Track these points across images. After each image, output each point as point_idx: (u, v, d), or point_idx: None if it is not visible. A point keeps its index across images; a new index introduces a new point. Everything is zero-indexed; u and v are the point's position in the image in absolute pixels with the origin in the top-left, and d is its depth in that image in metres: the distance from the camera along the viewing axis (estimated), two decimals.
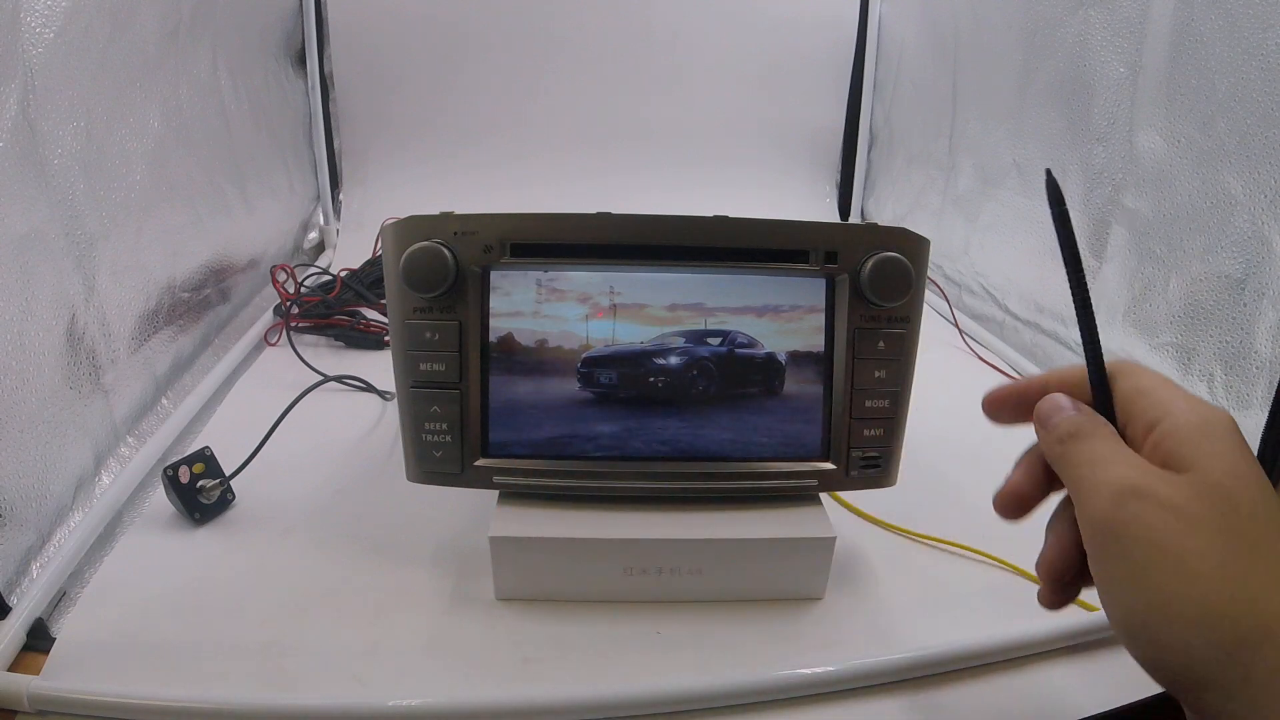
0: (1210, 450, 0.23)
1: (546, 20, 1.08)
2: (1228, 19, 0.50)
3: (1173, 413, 0.25)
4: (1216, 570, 0.22)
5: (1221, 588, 0.22)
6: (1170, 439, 0.24)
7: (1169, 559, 0.22)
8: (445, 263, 0.36)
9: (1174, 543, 0.22)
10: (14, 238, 0.43)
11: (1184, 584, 0.22)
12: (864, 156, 1.17)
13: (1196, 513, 0.23)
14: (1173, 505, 0.23)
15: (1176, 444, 0.24)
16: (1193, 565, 0.22)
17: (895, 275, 0.37)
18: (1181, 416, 0.24)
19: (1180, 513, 0.23)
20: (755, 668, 0.36)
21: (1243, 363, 0.49)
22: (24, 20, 0.45)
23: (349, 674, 0.36)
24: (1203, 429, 0.24)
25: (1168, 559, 0.22)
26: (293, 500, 0.49)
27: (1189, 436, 0.24)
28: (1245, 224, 0.49)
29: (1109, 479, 0.24)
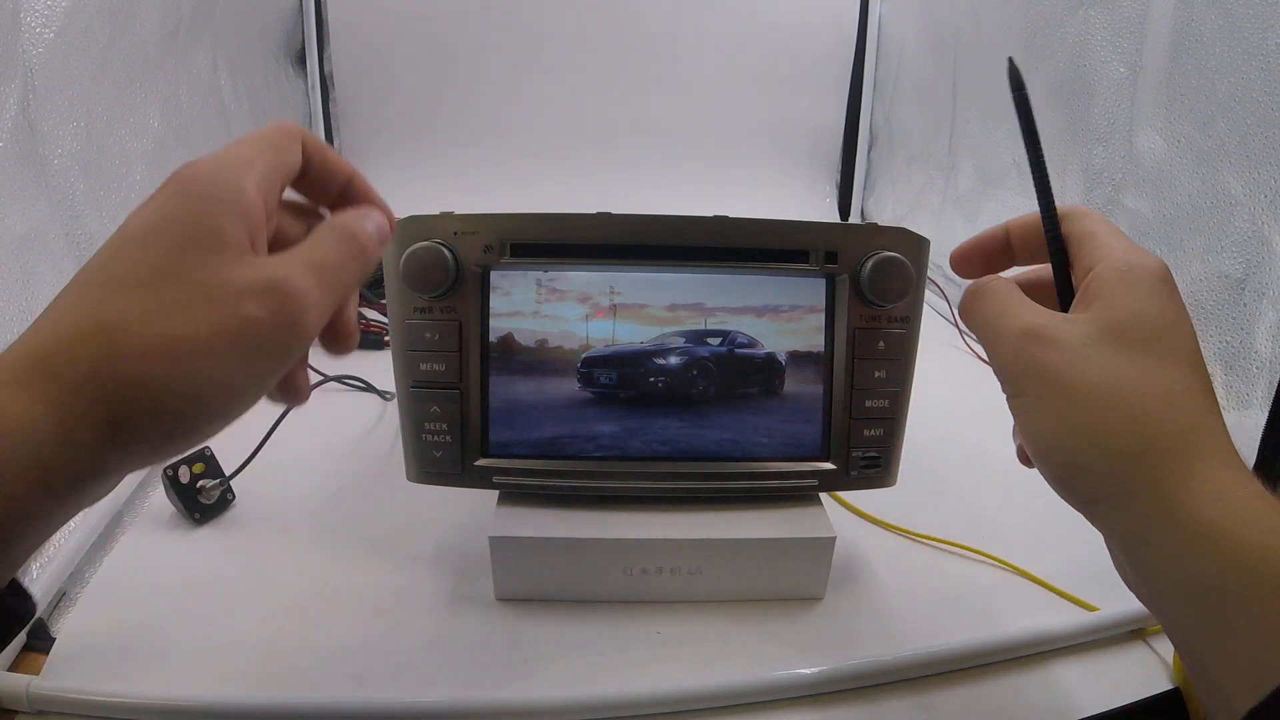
0: (1122, 293, 0.26)
1: (546, 20, 1.08)
2: (1228, 19, 0.50)
3: (1105, 259, 0.27)
4: (1104, 399, 0.24)
5: (1108, 414, 0.24)
6: (1095, 282, 0.26)
7: (1062, 391, 0.25)
8: (445, 263, 0.36)
9: (1066, 376, 0.25)
10: (14, 238, 0.43)
11: (1076, 412, 0.25)
12: (864, 156, 1.17)
13: (1090, 350, 0.25)
14: (1066, 344, 0.25)
15: (1098, 287, 0.26)
16: (1083, 396, 0.25)
17: (895, 275, 0.37)
18: (1110, 263, 0.26)
19: (1073, 350, 0.25)
20: (755, 668, 0.36)
21: (1243, 363, 0.49)
22: (24, 20, 0.45)
23: (348, 673, 0.36)
24: (1124, 275, 0.26)
25: (1061, 391, 0.25)
26: (293, 500, 0.49)
27: (1109, 280, 0.26)
28: (1245, 224, 0.49)
29: (1010, 326, 0.27)
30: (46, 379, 0.19)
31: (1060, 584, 0.42)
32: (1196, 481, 0.23)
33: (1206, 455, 0.24)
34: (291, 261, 0.23)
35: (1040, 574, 0.43)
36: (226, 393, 0.21)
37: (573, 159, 1.12)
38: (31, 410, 0.19)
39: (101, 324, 0.20)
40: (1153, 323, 0.25)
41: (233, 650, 0.37)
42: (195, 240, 0.21)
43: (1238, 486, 0.23)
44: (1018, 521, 0.48)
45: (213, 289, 0.21)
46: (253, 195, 0.22)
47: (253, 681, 0.35)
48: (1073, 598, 0.41)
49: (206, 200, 0.22)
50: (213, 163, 0.22)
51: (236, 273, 0.21)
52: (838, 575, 0.41)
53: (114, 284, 0.20)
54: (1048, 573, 0.43)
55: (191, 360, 0.20)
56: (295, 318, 0.22)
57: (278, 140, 0.25)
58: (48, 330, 0.20)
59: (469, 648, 0.38)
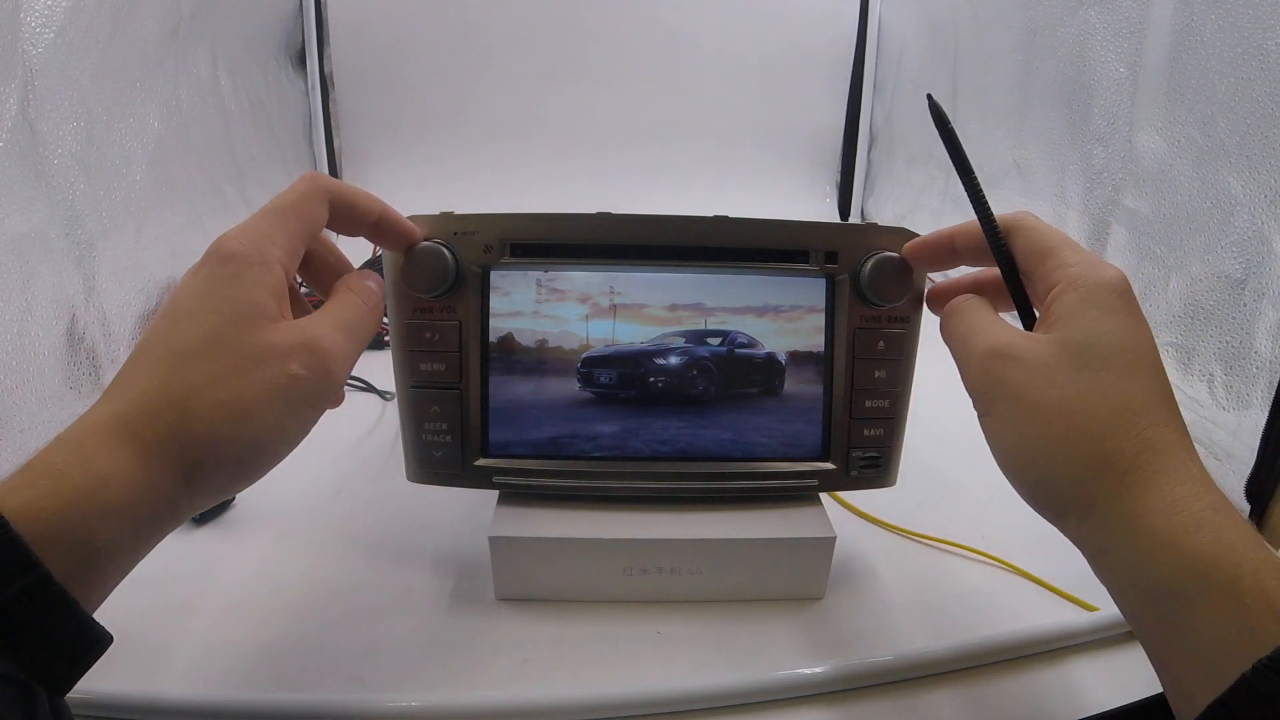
0: (1081, 313, 0.27)
1: (546, 20, 1.08)
2: (1228, 19, 0.50)
3: (1064, 278, 0.28)
4: (1065, 418, 0.26)
5: (1069, 432, 0.26)
6: (1057, 302, 0.28)
7: (1026, 409, 0.27)
8: (445, 263, 0.36)
9: (1030, 395, 0.27)
10: (14, 238, 0.44)
11: (1040, 429, 0.26)
12: (864, 156, 1.17)
13: (1052, 369, 0.26)
14: (1031, 364, 0.27)
15: (1060, 308, 0.28)
16: (1045, 414, 0.26)
17: (895, 275, 0.37)
18: (1069, 282, 0.28)
19: (1037, 370, 0.27)
20: (755, 668, 0.36)
21: (1243, 363, 0.49)
22: (24, 20, 0.45)
23: (348, 674, 0.36)
24: (1084, 295, 0.27)
25: (1025, 409, 0.27)
26: (292, 500, 0.49)
27: (1068, 301, 0.27)
28: (1245, 224, 0.49)
29: (980, 345, 0.29)
30: (132, 441, 0.23)
31: (1060, 584, 0.42)
32: (1153, 494, 0.24)
33: (1164, 468, 0.25)
34: (321, 322, 0.28)
35: (1040, 574, 0.43)
36: (279, 438, 0.26)
37: (573, 159, 1.12)
38: (123, 468, 0.23)
39: (173, 391, 0.24)
40: (1111, 341, 0.26)
41: (233, 650, 0.37)
42: (240, 314, 0.25)
43: (1193, 498, 0.24)
44: (1018, 521, 0.47)
45: (261, 353, 0.25)
46: (278, 271, 0.27)
47: (253, 681, 0.35)
48: (1073, 598, 0.41)
49: (241, 280, 0.26)
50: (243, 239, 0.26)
51: (277, 337, 0.26)
52: (838, 575, 0.41)
53: (179, 354, 0.24)
54: (1048, 573, 0.43)
55: (249, 416, 0.25)
56: (328, 369, 0.27)
57: (300, 206, 0.28)
58: (128, 395, 0.24)
59: (469, 648, 0.38)
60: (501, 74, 1.10)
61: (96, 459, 0.22)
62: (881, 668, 0.36)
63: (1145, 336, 0.27)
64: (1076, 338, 0.27)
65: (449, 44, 1.08)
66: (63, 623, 0.21)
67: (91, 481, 0.22)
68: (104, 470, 0.22)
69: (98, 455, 0.22)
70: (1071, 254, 0.29)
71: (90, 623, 0.22)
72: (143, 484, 0.23)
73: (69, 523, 0.21)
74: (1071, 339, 0.27)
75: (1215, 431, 0.51)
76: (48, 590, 0.20)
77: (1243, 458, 0.48)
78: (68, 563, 0.21)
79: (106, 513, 0.22)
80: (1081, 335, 0.27)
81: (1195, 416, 0.53)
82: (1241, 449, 0.48)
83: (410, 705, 0.33)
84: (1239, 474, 0.48)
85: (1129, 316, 0.27)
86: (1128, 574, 0.25)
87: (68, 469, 0.22)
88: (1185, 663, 0.23)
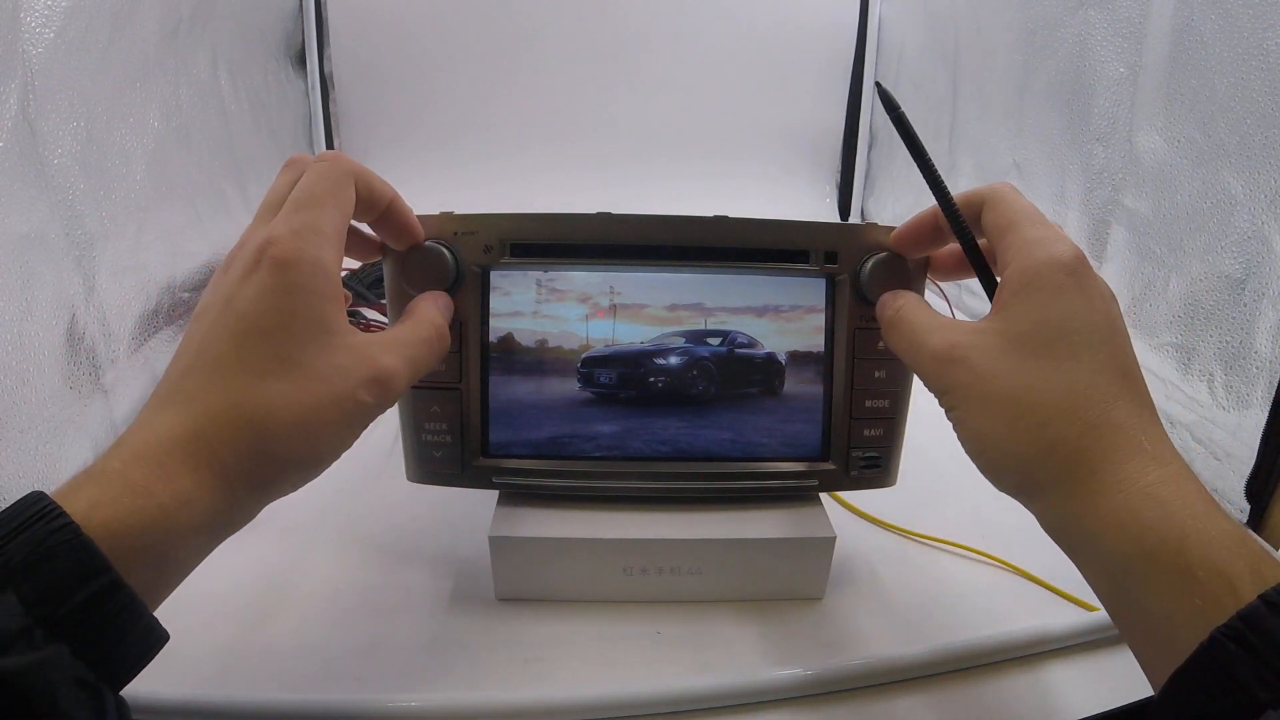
0: (1024, 300, 0.27)
1: (546, 21, 1.08)
2: (1228, 19, 0.50)
3: (1015, 258, 0.28)
4: (1011, 408, 0.26)
5: (1016, 422, 0.26)
6: (1004, 288, 0.28)
7: (977, 404, 0.27)
8: (445, 263, 0.36)
9: (977, 391, 0.27)
10: (14, 238, 0.43)
11: (990, 422, 0.27)
12: (864, 156, 1.17)
13: (996, 362, 0.27)
14: (974, 362, 0.28)
15: (1006, 293, 0.28)
16: (994, 407, 0.27)
17: (895, 275, 0.37)
18: (1018, 264, 0.28)
19: (980, 366, 0.27)
20: (755, 668, 0.36)
21: (1243, 363, 0.49)
22: (24, 20, 0.45)
23: (349, 673, 0.36)
24: (1029, 280, 0.27)
25: (976, 404, 0.27)
26: (292, 500, 0.48)
27: (1014, 287, 0.28)
28: (1245, 224, 0.49)
29: (926, 351, 0.30)
30: (213, 462, 0.24)
31: (1060, 584, 0.42)
32: (1099, 475, 0.25)
33: (1111, 448, 0.25)
34: (391, 351, 0.28)
35: (1040, 574, 0.43)
36: (339, 451, 0.28)
37: (573, 159, 1.12)
38: (205, 491, 0.24)
39: (250, 413, 0.25)
40: (1054, 327, 0.27)
41: (232, 650, 0.37)
42: (310, 334, 0.26)
43: (1138, 475, 0.24)
44: (1018, 521, 0.47)
45: (332, 375, 0.26)
46: (335, 273, 0.27)
47: (253, 681, 0.35)
48: (1073, 598, 0.41)
49: (307, 294, 0.26)
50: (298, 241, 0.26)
51: (346, 359, 0.27)
52: (838, 575, 0.41)
53: (253, 374, 0.25)
54: (1048, 573, 0.43)
55: (320, 437, 0.26)
56: (392, 398, 0.28)
57: (337, 193, 0.28)
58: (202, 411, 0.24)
59: (469, 648, 0.38)
60: (501, 74, 1.10)
61: (179, 479, 0.23)
62: (881, 667, 0.36)
63: (1096, 315, 0.27)
64: (1020, 327, 0.27)
65: (449, 44, 1.08)
66: (132, 625, 0.22)
67: (175, 502, 0.23)
68: (187, 492, 0.23)
69: (180, 475, 0.23)
70: (1029, 229, 0.29)
71: (154, 623, 0.23)
72: (222, 505, 0.24)
73: (153, 538, 0.22)
74: (1013, 328, 0.27)
75: (1215, 431, 0.51)
76: (119, 594, 0.21)
77: (1243, 458, 0.48)
78: (147, 573, 0.22)
79: (189, 529, 0.23)
80: (1025, 323, 0.27)
81: (1195, 416, 0.53)
82: (1241, 449, 0.48)
83: (410, 705, 0.33)
84: (1239, 474, 0.48)
85: (1078, 295, 0.27)
86: (1083, 555, 0.26)
87: (152, 487, 0.23)
88: (1145, 638, 0.24)
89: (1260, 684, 0.20)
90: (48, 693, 0.19)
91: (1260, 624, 0.20)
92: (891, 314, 0.33)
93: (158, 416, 0.25)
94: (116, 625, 0.21)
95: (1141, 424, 0.26)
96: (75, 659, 0.20)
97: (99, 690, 0.21)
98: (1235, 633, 0.21)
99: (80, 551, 0.20)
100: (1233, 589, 0.21)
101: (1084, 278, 0.27)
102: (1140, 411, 0.26)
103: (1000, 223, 0.30)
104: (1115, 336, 0.27)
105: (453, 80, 1.09)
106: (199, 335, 0.26)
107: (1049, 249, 0.28)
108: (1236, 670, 0.20)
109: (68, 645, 0.20)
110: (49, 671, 0.19)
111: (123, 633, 0.21)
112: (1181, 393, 0.54)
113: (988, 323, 0.28)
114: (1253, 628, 0.20)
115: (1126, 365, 0.27)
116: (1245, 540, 0.23)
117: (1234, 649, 0.20)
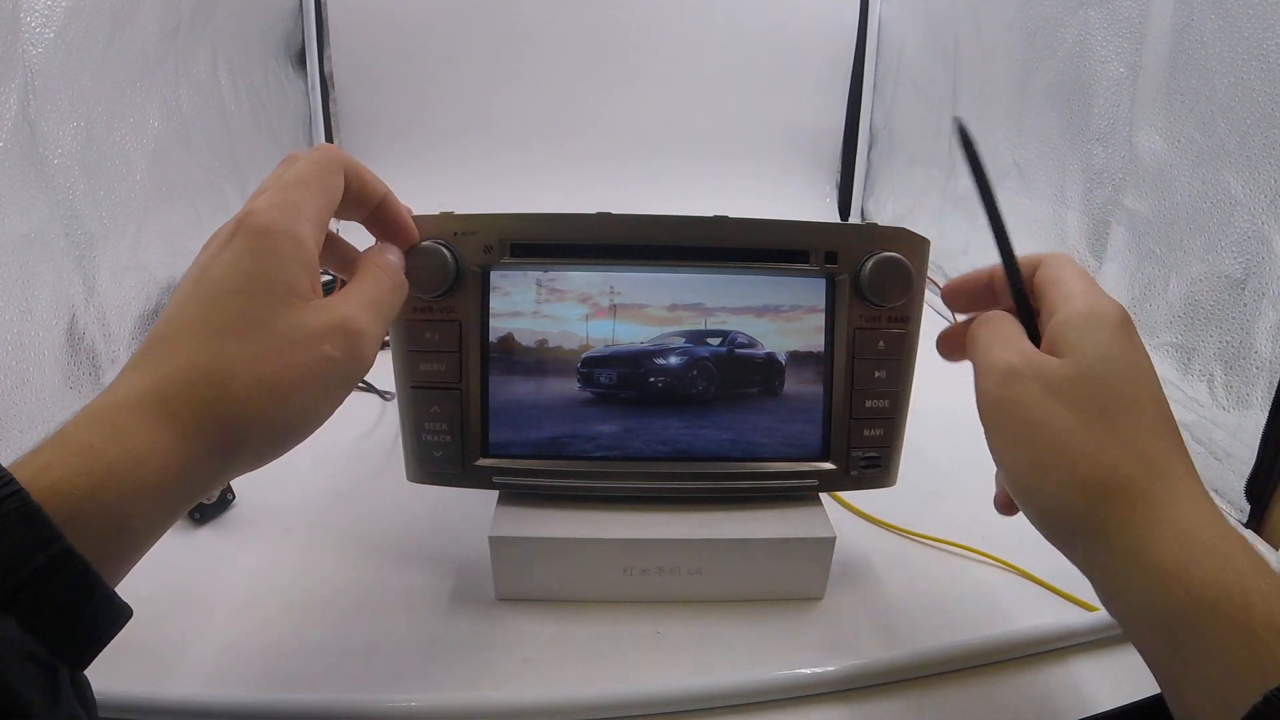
0: (1089, 339, 0.27)
1: (546, 21, 1.08)
2: (1228, 19, 0.50)
3: (1068, 304, 0.28)
4: (1079, 442, 0.26)
5: (1082, 456, 0.26)
6: (1062, 326, 0.28)
7: (1041, 431, 0.26)
8: (445, 263, 0.36)
9: (1045, 418, 0.26)
10: (14, 238, 0.44)
11: (1053, 453, 0.26)
12: (864, 156, 1.17)
13: (1066, 393, 0.26)
14: (1046, 386, 0.27)
15: (1065, 331, 0.28)
16: (1060, 438, 0.26)
17: (895, 275, 0.37)
18: (1074, 307, 0.28)
19: (1052, 393, 0.27)
20: (755, 668, 0.36)
21: (1243, 363, 0.49)
22: (24, 20, 0.45)
23: (349, 674, 0.36)
24: (1089, 320, 0.27)
25: (1040, 431, 0.26)
26: (292, 500, 0.49)
27: (1075, 325, 0.27)
28: (1245, 224, 0.49)
29: (997, 362, 0.29)
30: (170, 418, 0.23)
31: (1060, 584, 0.42)
32: (1162, 523, 0.24)
33: (1171, 497, 0.25)
34: (352, 302, 0.28)
35: (1040, 574, 0.43)
36: (311, 418, 0.26)
37: (573, 159, 1.12)
38: (160, 446, 0.22)
39: (212, 370, 0.24)
40: (1118, 368, 0.27)
41: (233, 650, 0.37)
42: (276, 295, 0.25)
43: (1202, 526, 0.24)
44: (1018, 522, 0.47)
45: (296, 335, 0.25)
46: (310, 247, 0.27)
47: (253, 681, 0.35)
48: (1073, 598, 0.41)
49: (278, 258, 0.25)
50: (276, 212, 0.26)
51: (312, 318, 0.26)
52: (838, 575, 0.41)
53: (217, 332, 0.24)
54: (1048, 573, 0.43)
55: (287, 398, 0.25)
56: (360, 350, 0.27)
57: (324, 178, 0.28)
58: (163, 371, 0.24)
59: (469, 648, 0.38)
60: (501, 74, 1.10)
61: (133, 436, 0.22)
62: (881, 668, 0.36)
63: (1149, 366, 0.27)
64: (1086, 362, 0.27)
65: (449, 44, 1.08)
66: (86, 597, 0.20)
67: (127, 459, 0.22)
68: (141, 448, 0.22)
69: (134, 432, 0.22)
70: (1077, 283, 0.29)
71: (112, 596, 0.21)
72: (179, 462, 0.23)
73: (103, 501, 0.21)
74: (1081, 364, 0.27)
75: (1215, 431, 0.51)
76: (70, 564, 0.20)
77: (1243, 458, 0.48)
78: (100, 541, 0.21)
79: (142, 491, 0.22)
80: (1090, 360, 0.27)
81: (1195, 416, 0.53)
82: (1241, 449, 0.48)
83: (410, 705, 0.33)
84: (1239, 474, 0.48)
85: (1132, 343, 0.27)
86: (1138, 602, 0.25)
87: (102, 446, 0.21)
88: (1196, 691, 0.23)
89: None
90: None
91: None
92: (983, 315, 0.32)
93: (121, 381, 0.24)
94: (70, 598, 0.20)
95: (1194, 476, 0.26)
96: (24, 632, 0.19)
97: (53, 667, 0.20)
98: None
99: (29, 521, 0.19)
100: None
101: (1133, 331, 0.28)
102: (1190, 465, 0.26)
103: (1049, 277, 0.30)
104: (1161, 391, 0.27)
105: (453, 80, 1.09)
106: (172, 305, 0.25)
107: (1104, 301, 0.28)
108: None
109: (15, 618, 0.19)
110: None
111: (77, 606, 0.20)
112: (1181, 393, 0.54)
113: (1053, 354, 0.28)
114: None
115: (1173, 420, 0.27)
116: None
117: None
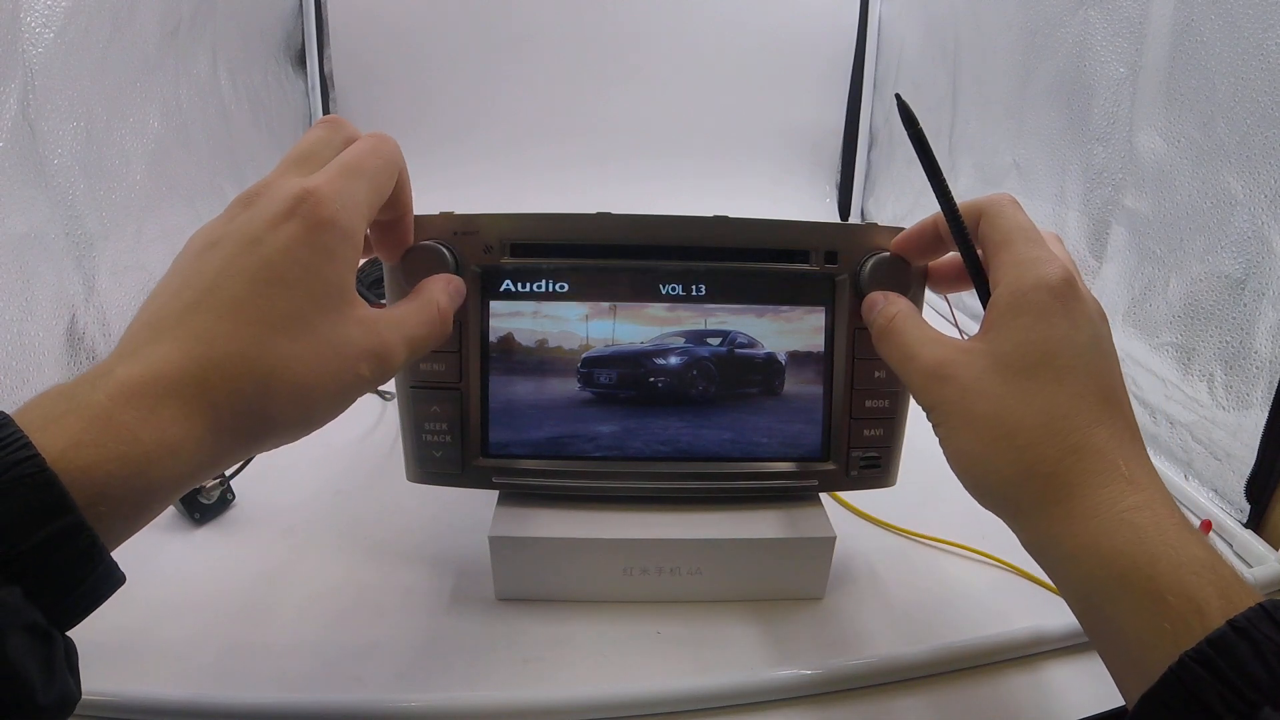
0: (1010, 323, 0.28)
1: (546, 22, 1.08)
2: (1228, 19, 0.50)
3: (1004, 279, 0.28)
4: (992, 430, 0.27)
5: (996, 444, 0.27)
6: (992, 309, 0.29)
7: (962, 423, 0.28)
8: (445, 263, 0.36)
9: (963, 409, 0.28)
10: (14, 238, 0.44)
11: (973, 443, 0.28)
12: (864, 156, 1.17)
13: (983, 383, 0.28)
14: (961, 380, 0.28)
15: (994, 314, 0.28)
16: (978, 427, 0.27)
17: (895, 275, 0.37)
18: (1006, 285, 0.28)
19: (966, 386, 0.28)
20: (755, 668, 0.36)
21: (1243, 363, 0.49)
22: (24, 20, 0.45)
23: (349, 673, 0.36)
24: (1015, 302, 0.28)
25: (961, 423, 0.28)
26: (292, 500, 0.49)
27: (1001, 309, 0.28)
28: (1245, 224, 0.49)
29: (918, 367, 0.30)
30: (209, 409, 0.22)
31: None
32: (1076, 499, 0.25)
33: (1090, 471, 0.26)
34: (395, 330, 0.28)
35: (1040, 574, 0.43)
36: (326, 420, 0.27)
37: (573, 159, 1.12)
38: (194, 439, 0.22)
39: (258, 367, 0.23)
40: (1038, 351, 0.27)
41: (233, 650, 0.37)
42: (330, 298, 0.25)
43: (1115, 499, 0.25)
44: None
45: (340, 347, 0.26)
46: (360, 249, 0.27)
47: (253, 682, 0.35)
48: None
49: (335, 261, 0.26)
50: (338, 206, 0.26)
51: (358, 335, 0.26)
52: (838, 575, 0.41)
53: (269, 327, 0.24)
54: None
55: (316, 404, 0.25)
56: (387, 376, 0.28)
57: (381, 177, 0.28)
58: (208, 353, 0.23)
59: (469, 648, 0.38)
60: (501, 74, 1.10)
61: (171, 426, 0.22)
62: (882, 667, 0.36)
63: (1081, 339, 0.27)
64: (1005, 349, 0.27)
65: (449, 44, 1.08)
66: (90, 568, 0.20)
67: (162, 450, 0.21)
68: (176, 440, 0.22)
69: (173, 422, 0.22)
70: (1022, 248, 0.29)
71: (113, 565, 0.21)
72: (209, 454, 0.23)
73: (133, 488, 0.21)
74: (999, 350, 0.28)
75: (1215, 431, 0.51)
76: (80, 536, 0.20)
77: (1243, 458, 0.48)
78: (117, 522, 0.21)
79: (170, 480, 0.22)
80: (1011, 345, 0.27)
81: (1195, 416, 0.53)
82: (1241, 449, 0.48)
83: (410, 705, 0.33)
84: (1239, 474, 0.48)
85: (1064, 319, 0.27)
86: (1059, 577, 0.27)
87: (140, 431, 0.21)
88: (1117, 659, 0.25)
89: (1225, 707, 0.20)
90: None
91: (1227, 649, 0.21)
92: (884, 322, 0.33)
93: (154, 348, 0.23)
94: (75, 569, 0.20)
95: (1121, 448, 0.26)
96: (28, 601, 0.19)
97: (49, 636, 0.19)
98: (1203, 657, 0.21)
99: (44, 489, 0.19)
100: (1201, 614, 0.22)
101: (1071, 301, 0.27)
102: (1121, 436, 0.26)
103: (995, 238, 0.30)
104: (1100, 360, 0.27)
105: (452, 80, 1.09)
106: (213, 269, 0.24)
107: (1038, 270, 0.28)
108: (1203, 694, 0.21)
109: (20, 587, 0.18)
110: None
111: (80, 577, 0.20)
112: (1181, 393, 0.54)
113: (976, 342, 0.29)
114: (1220, 652, 0.21)
115: (1110, 389, 0.27)
116: (1216, 566, 0.23)
117: (1201, 673, 0.21)
